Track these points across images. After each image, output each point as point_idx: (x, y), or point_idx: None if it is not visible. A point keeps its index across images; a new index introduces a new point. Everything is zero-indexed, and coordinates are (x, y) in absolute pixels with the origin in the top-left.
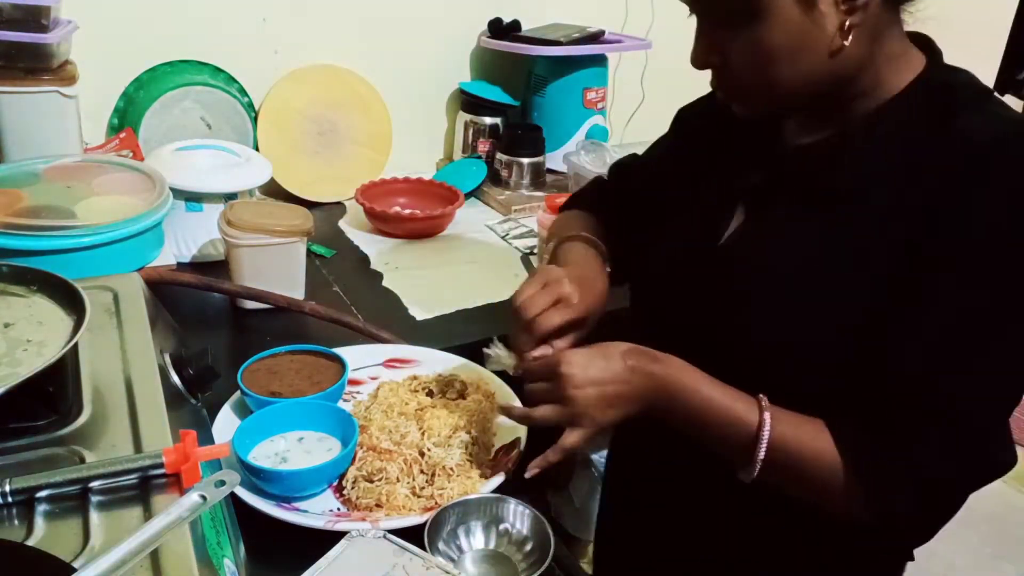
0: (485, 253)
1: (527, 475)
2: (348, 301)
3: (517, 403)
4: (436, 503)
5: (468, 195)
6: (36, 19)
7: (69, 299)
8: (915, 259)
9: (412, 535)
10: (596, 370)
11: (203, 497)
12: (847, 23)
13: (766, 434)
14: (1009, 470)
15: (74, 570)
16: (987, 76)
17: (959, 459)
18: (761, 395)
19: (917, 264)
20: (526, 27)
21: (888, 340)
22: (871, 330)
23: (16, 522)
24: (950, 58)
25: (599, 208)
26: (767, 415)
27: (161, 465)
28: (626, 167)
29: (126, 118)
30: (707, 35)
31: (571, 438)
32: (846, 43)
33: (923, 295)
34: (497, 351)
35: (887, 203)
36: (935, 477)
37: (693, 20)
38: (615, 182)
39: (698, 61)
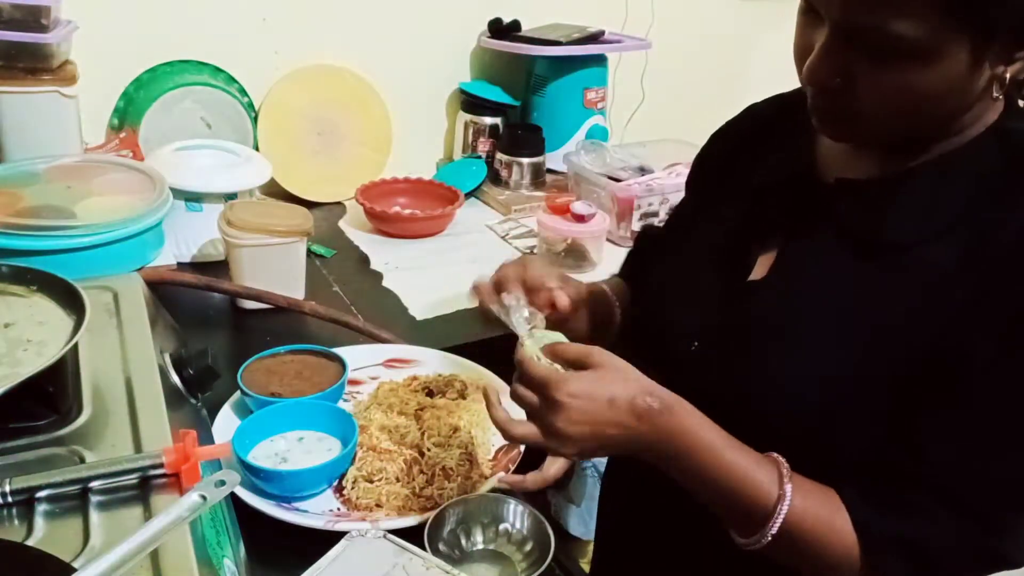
0: (485, 253)
1: (498, 480)
2: (348, 301)
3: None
4: (436, 503)
5: (468, 195)
6: (36, 19)
7: (69, 299)
8: (956, 337)
9: (412, 535)
10: (598, 406)
11: (203, 497)
12: (1007, 75)
13: (784, 509)
14: (1018, 567)
15: (74, 570)
16: None
17: (975, 553)
18: (781, 460)
19: (957, 342)
20: (526, 27)
21: (918, 417)
22: (900, 397)
23: (16, 522)
24: None
25: (629, 270)
26: (788, 488)
27: (161, 465)
28: (649, 233)
29: (126, 118)
30: (841, 56)
31: (553, 469)
32: (997, 95)
33: (961, 378)
34: (517, 305)
35: (935, 263)
36: (947, 567)
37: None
38: (637, 247)
39: (820, 80)
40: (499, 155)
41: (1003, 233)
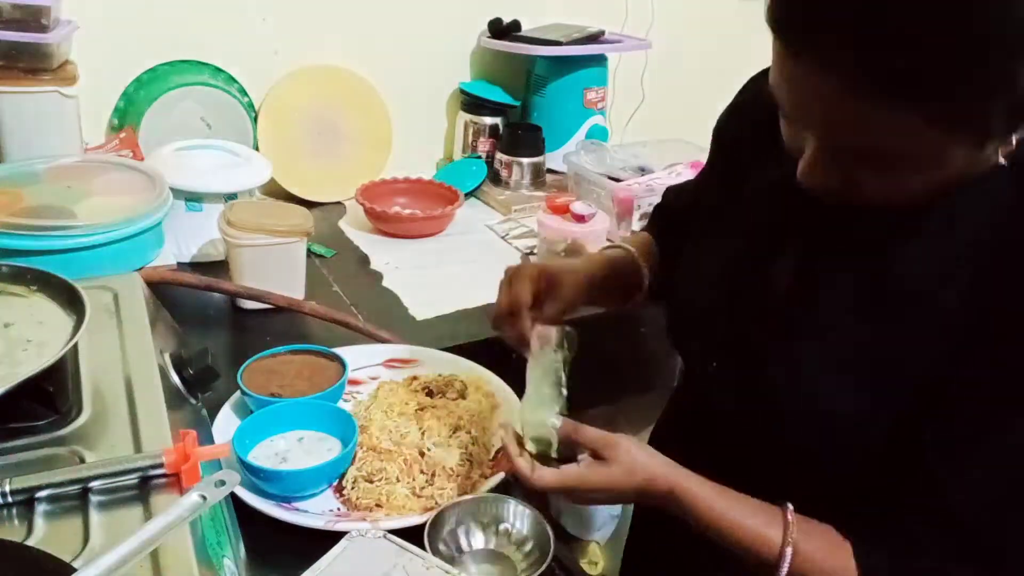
0: (485, 253)
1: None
2: (348, 301)
3: (517, 402)
4: (436, 503)
5: (468, 195)
6: (36, 19)
7: (69, 299)
8: (961, 370)
9: (412, 535)
10: (606, 497)
11: (203, 497)
12: (1008, 149)
13: (787, 560)
14: None
15: (74, 570)
16: None
17: None
18: (788, 508)
19: (963, 376)
20: (526, 27)
21: (928, 453)
22: (914, 423)
23: (16, 522)
24: None
25: (655, 228)
26: (788, 551)
27: (161, 465)
28: (675, 188)
29: (126, 118)
30: (836, 163)
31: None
32: (1002, 160)
33: (966, 412)
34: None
35: (942, 301)
36: None
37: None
38: (664, 202)
39: (817, 185)
40: (499, 155)
41: (1012, 271)
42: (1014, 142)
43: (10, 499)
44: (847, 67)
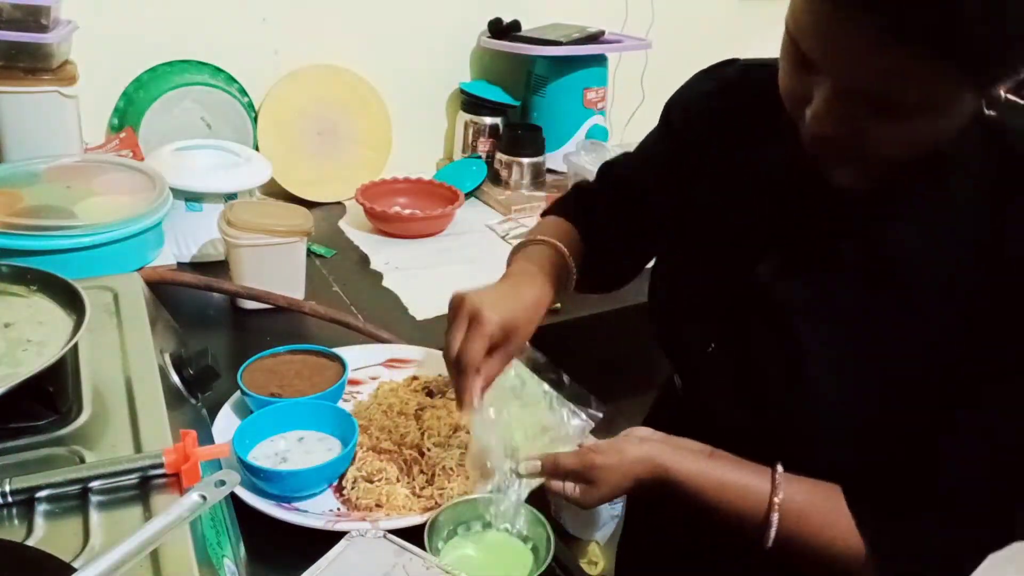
0: (485, 253)
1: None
2: (348, 301)
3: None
4: (436, 503)
5: (468, 195)
6: (36, 19)
7: (69, 299)
8: (969, 347)
9: (412, 535)
10: (611, 493)
11: (203, 497)
12: (1005, 96)
13: (779, 499)
14: None
15: (74, 570)
16: None
17: (983, 547)
18: (778, 465)
19: (971, 354)
20: (526, 27)
21: (933, 428)
22: (914, 403)
23: (16, 522)
24: None
25: (577, 214)
26: (779, 478)
27: (161, 465)
28: (615, 168)
29: (126, 118)
30: (848, 110)
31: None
32: (991, 112)
33: (976, 390)
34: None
35: (940, 279)
36: (953, 554)
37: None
38: (602, 185)
39: (827, 132)
40: (499, 155)
41: (1009, 245)
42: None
43: (10, 499)
44: (891, 12)
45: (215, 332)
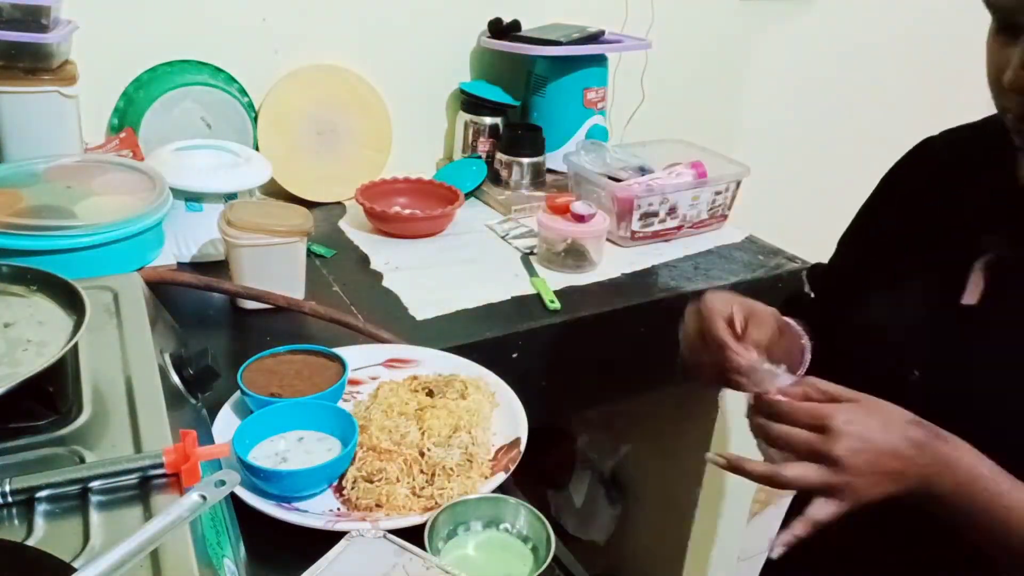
0: (485, 253)
1: (773, 554)
2: (348, 301)
3: (518, 403)
4: (436, 503)
5: (468, 195)
6: (36, 19)
7: (69, 299)
8: None
9: (412, 535)
10: (876, 433)
11: (203, 497)
12: None
13: None
14: None
15: (74, 570)
16: None
17: None
18: None
19: None
20: (526, 27)
21: None
22: None
23: (16, 522)
24: None
25: (805, 302)
26: None
27: (161, 465)
28: (819, 272)
29: (126, 118)
30: None
31: (824, 510)
32: None
33: None
34: (765, 371)
35: None
36: None
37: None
38: (821, 270)
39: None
40: (499, 155)
41: None
42: None
43: (10, 499)
44: None
45: (215, 332)
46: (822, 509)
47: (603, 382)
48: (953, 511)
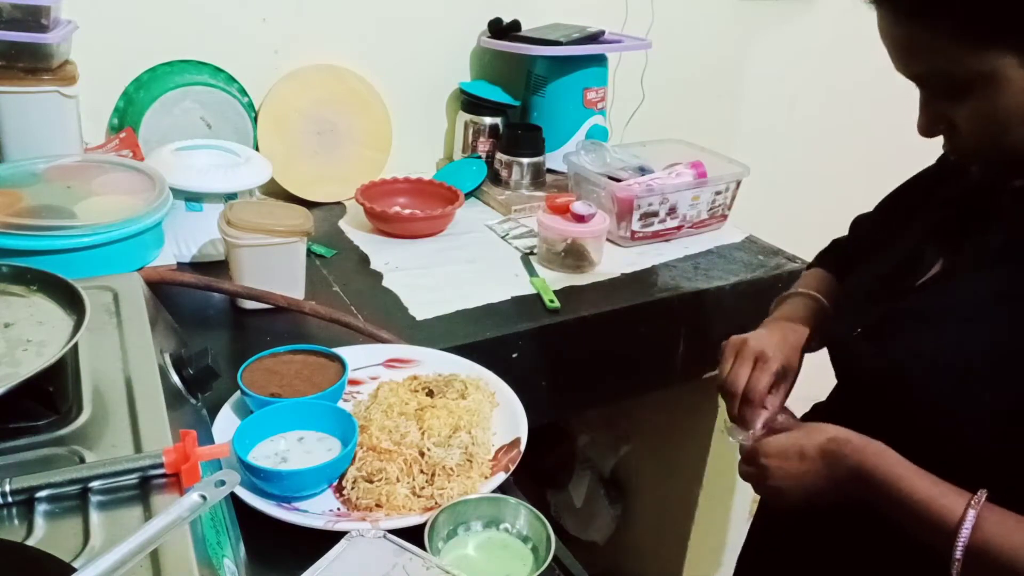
0: (485, 253)
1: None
2: (348, 301)
3: (518, 403)
4: (436, 503)
5: (468, 195)
6: (36, 19)
7: (69, 299)
8: None
9: (412, 535)
10: (792, 462)
11: (203, 497)
12: None
13: (965, 534)
14: None
15: (74, 570)
16: None
17: None
18: (981, 492)
19: None
20: (526, 27)
21: None
22: None
23: (16, 522)
24: None
25: (834, 264)
26: (971, 513)
27: (161, 465)
28: (859, 220)
29: (126, 118)
30: (931, 106)
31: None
32: None
33: None
34: (735, 434)
35: None
36: None
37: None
38: (851, 234)
39: (925, 131)
40: (499, 155)
41: None
42: None
43: (10, 499)
44: (957, 19)
45: (215, 332)
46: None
47: (603, 382)
48: (876, 508)
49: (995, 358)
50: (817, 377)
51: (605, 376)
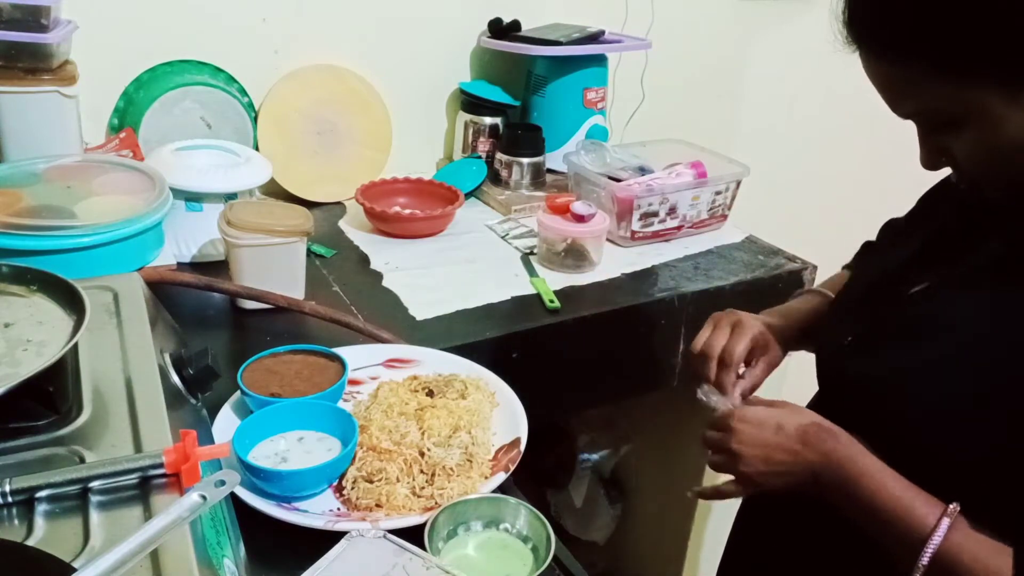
0: (485, 253)
1: (689, 494)
2: (348, 301)
3: (518, 403)
4: (436, 503)
5: (468, 195)
6: (36, 19)
7: (69, 299)
8: None
9: (412, 535)
10: (767, 432)
11: (203, 497)
12: None
13: (935, 542)
14: None
15: (74, 570)
16: None
17: None
18: (955, 503)
19: None
20: (526, 27)
21: None
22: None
23: (16, 522)
24: None
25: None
26: (945, 522)
27: (161, 465)
28: (890, 223)
29: (126, 118)
30: (929, 140)
31: (729, 488)
32: None
33: None
34: (710, 396)
35: None
36: None
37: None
38: (877, 239)
39: (928, 165)
40: (499, 155)
41: None
42: None
43: (10, 499)
44: (866, 39)
45: (215, 332)
46: (728, 487)
47: (603, 382)
48: (842, 503)
49: (979, 378)
50: (800, 385)
51: (605, 376)
